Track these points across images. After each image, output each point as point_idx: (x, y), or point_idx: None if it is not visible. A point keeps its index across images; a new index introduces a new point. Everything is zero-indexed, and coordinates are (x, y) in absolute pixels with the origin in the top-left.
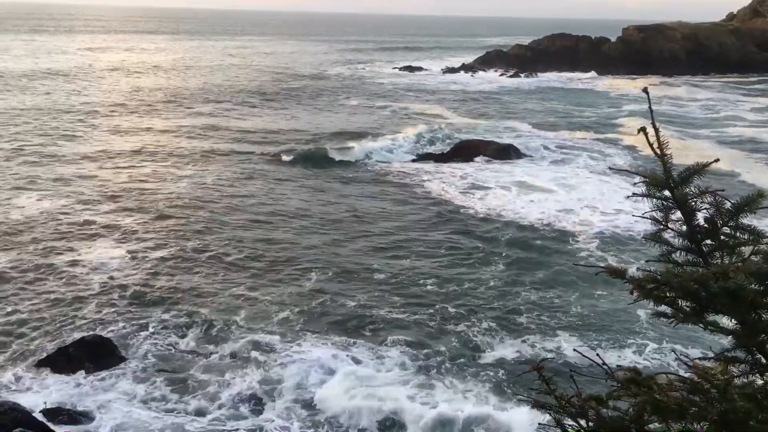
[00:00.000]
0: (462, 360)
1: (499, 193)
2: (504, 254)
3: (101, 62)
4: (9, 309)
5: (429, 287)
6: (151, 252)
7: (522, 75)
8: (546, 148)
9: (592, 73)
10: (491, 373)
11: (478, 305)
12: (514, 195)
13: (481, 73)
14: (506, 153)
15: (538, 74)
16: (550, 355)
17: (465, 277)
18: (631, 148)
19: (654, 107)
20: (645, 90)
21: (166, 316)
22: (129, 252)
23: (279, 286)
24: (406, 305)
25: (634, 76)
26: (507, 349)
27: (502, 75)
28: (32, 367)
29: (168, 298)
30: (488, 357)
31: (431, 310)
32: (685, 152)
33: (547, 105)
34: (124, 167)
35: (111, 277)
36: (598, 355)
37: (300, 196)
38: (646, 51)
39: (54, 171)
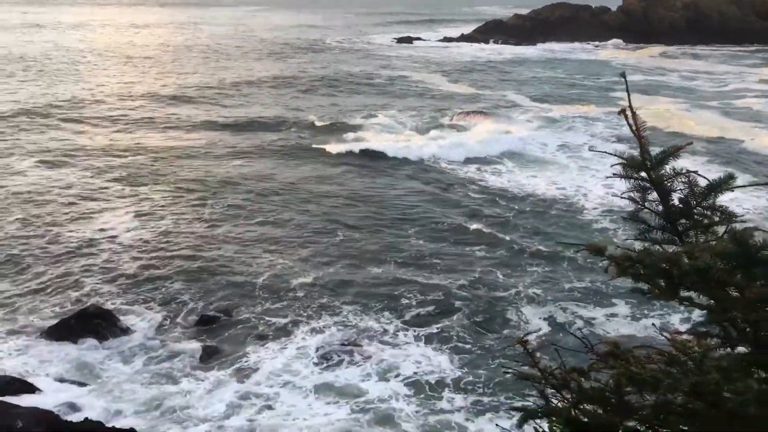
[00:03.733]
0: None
1: (502, 168)
2: (510, 229)
3: (100, 36)
4: (13, 278)
5: (435, 261)
6: (163, 222)
7: (522, 45)
8: (548, 120)
9: (593, 43)
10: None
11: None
12: (518, 169)
13: (481, 43)
14: (508, 124)
15: (538, 44)
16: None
17: (468, 253)
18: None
19: (662, 79)
20: (623, 75)
21: (173, 287)
22: (140, 222)
23: (299, 260)
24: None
25: (635, 45)
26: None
27: (501, 45)
28: (34, 338)
29: (177, 268)
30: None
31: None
32: (690, 124)
33: (548, 75)
34: (138, 139)
35: (119, 247)
36: (579, 329)
37: (315, 174)
38: (647, 20)
39: (67, 140)
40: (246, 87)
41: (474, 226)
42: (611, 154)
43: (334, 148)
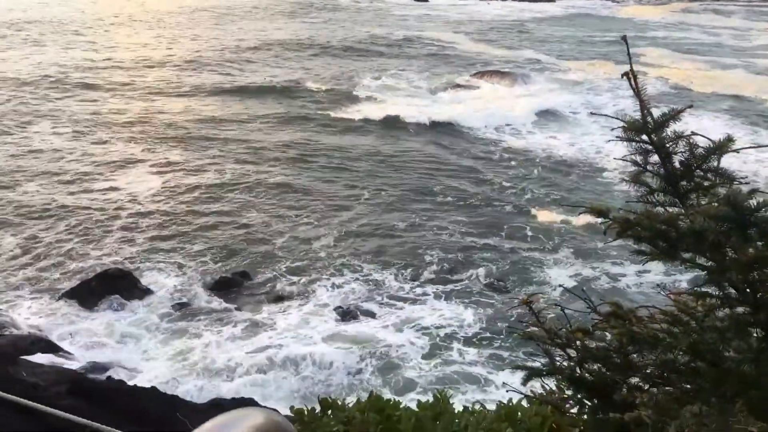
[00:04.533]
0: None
1: (522, 129)
2: (533, 189)
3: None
4: (34, 240)
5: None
6: (182, 186)
7: (541, 2)
8: (570, 80)
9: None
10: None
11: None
12: (538, 130)
13: (499, 0)
14: (528, 85)
15: (557, 0)
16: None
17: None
18: (661, 79)
19: (683, 35)
20: (623, 38)
21: (193, 249)
22: (159, 185)
23: (319, 222)
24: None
25: (657, 1)
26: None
27: (520, 2)
28: (56, 299)
29: (197, 230)
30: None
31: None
32: (714, 82)
33: (570, 33)
34: (157, 103)
35: (139, 209)
36: (583, 290)
37: (332, 137)
38: None
39: (86, 104)
40: (261, 50)
41: (496, 186)
42: (612, 116)
43: (350, 111)
